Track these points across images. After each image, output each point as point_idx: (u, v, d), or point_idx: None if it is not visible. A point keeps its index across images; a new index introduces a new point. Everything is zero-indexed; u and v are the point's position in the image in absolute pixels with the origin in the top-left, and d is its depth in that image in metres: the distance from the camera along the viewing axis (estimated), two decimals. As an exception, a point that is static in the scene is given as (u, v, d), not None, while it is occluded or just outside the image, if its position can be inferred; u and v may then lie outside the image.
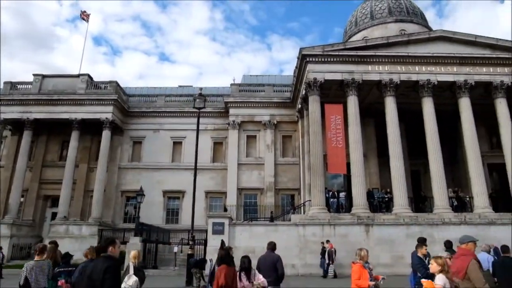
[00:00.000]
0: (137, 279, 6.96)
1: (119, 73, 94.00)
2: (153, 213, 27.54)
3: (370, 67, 22.53)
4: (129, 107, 30.81)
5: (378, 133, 24.67)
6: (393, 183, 20.95)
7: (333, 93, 23.51)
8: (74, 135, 27.81)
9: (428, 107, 22.21)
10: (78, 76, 29.46)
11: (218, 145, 30.67)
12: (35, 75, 29.12)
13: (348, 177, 22.12)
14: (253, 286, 6.38)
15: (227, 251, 6.57)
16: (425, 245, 8.72)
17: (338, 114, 21.68)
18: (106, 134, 28.07)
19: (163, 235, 24.94)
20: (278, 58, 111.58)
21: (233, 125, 29.48)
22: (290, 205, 24.79)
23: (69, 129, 27.88)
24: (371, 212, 20.27)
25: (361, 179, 20.62)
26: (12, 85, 29.01)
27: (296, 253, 18.52)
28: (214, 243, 17.95)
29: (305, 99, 23.73)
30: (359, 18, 33.80)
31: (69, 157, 27.40)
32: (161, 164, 29.79)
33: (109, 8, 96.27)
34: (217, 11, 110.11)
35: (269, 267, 7.75)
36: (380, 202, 22.00)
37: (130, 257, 7.53)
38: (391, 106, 22.03)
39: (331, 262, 17.27)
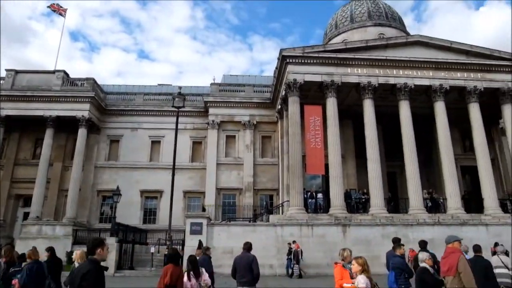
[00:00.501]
0: None
1: (97, 70, 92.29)
2: (130, 213, 27.11)
3: (349, 70, 22.83)
4: (107, 105, 30.22)
5: (356, 135, 25.01)
6: (370, 184, 21.29)
7: (312, 94, 23.72)
8: (48, 133, 27.07)
9: (405, 110, 22.69)
10: (53, 72, 28.68)
11: (197, 144, 30.46)
12: (7, 70, 28.21)
13: (326, 178, 22.34)
14: (200, 285, 6.57)
15: (175, 251, 6.69)
16: (402, 245, 8.92)
17: (317, 115, 21.90)
18: (82, 132, 27.44)
19: (140, 236, 24.57)
20: (259, 58, 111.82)
21: (212, 124, 29.35)
22: (264, 208, 24.64)
23: (43, 126, 27.10)
24: (348, 212, 20.55)
25: (339, 180, 20.87)
26: (-17, 80, 27.99)
27: (274, 253, 18.58)
28: (192, 243, 17.85)
29: (285, 100, 23.85)
30: (339, 21, 34.22)
31: (43, 155, 26.66)
32: (139, 163, 29.36)
33: (87, 3, 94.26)
34: (198, 9, 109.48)
35: (245, 268, 7.75)
36: (357, 202, 22.32)
37: (76, 257, 7.51)
38: (369, 108, 22.39)
39: (295, 262, 17.39)
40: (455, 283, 5.67)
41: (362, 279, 5.18)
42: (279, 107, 26.54)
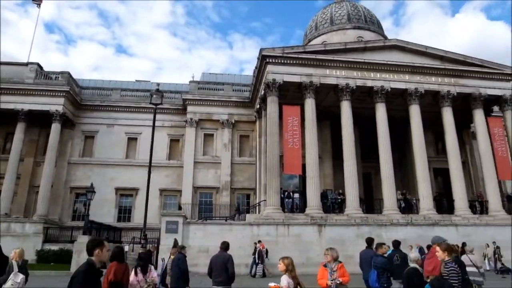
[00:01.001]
0: (24, 276, 7.23)
1: (73, 64, 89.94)
2: (104, 211, 26.64)
3: (328, 71, 23.06)
4: (82, 100, 29.51)
5: (333, 136, 25.30)
6: (346, 185, 21.58)
7: (291, 94, 23.85)
8: (19, 127, 26.22)
9: (381, 113, 23.11)
10: (26, 64, 27.80)
11: (174, 142, 30.15)
12: (-23, 61, 27.18)
13: (303, 178, 22.50)
14: (146, 281, 6.67)
15: (120, 249, 6.74)
16: (384, 244, 9.07)
17: (295, 115, 22.02)
18: (55, 127, 26.70)
19: (114, 234, 24.14)
20: (239, 57, 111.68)
21: (190, 122, 29.11)
22: (235, 210, 24.62)
23: (14, 120, 26.23)
24: (324, 212, 20.76)
25: (316, 180, 21.06)
26: (-50, 71, 26.80)
27: (250, 252, 18.55)
28: (167, 242, 17.60)
29: (264, 100, 23.88)
30: (319, 22, 34.55)
31: (14, 150, 25.80)
32: (114, 160, 28.83)
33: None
34: (178, 5, 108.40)
35: (220, 267, 7.71)
36: (333, 203, 22.55)
37: (14, 256, 7.53)
38: (346, 110, 22.68)
39: (260, 261, 17.36)
40: None
41: (284, 279, 5.35)
42: (258, 106, 26.56)
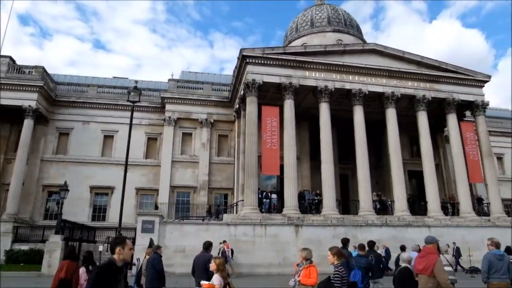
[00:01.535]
0: None
1: (48, 58, 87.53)
2: (78, 210, 26.04)
3: (307, 73, 23.25)
4: (57, 96, 28.74)
5: (311, 137, 25.51)
6: (323, 186, 21.80)
7: (270, 95, 23.92)
8: (-10, 122, 25.31)
9: (358, 115, 23.46)
10: (-2, 57, 26.86)
11: (152, 141, 29.76)
12: None
13: (281, 179, 22.60)
14: None
15: (72, 248, 7.14)
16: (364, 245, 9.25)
17: (274, 116, 22.10)
18: (28, 123, 25.88)
19: (88, 233, 23.58)
20: (219, 56, 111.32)
21: (169, 121, 28.80)
22: (206, 211, 24.57)
23: (-16, 115, 25.32)
24: (301, 213, 20.90)
25: (294, 181, 21.19)
26: None
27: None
28: (143, 241, 17.38)
29: (243, 100, 23.87)
30: (299, 24, 34.79)
31: (-17, 146, 24.89)
32: (89, 158, 28.19)
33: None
34: (159, 2, 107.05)
35: (201, 268, 7.63)
36: (310, 203, 22.75)
37: None
38: (325, 112, 22.92)
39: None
40: (430, 281, 5.97)
41: (216, 279, 5.61)
42: (237, 106, 26.52)
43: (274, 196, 22.49)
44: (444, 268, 6.26)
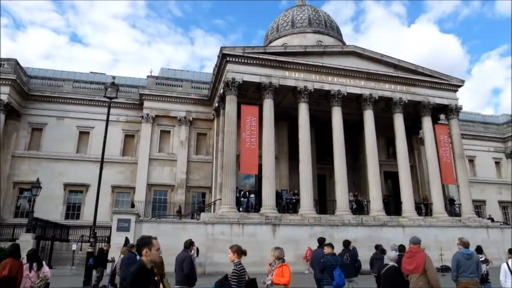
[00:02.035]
0: None
1: (21, 51, 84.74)
2: (51, 208, 25.39)
3: (287, 73, 23.35)
4: (30, 90, 27.88)
5: (290, 137, 25.64)
6: (301, 186, 21.95)
7: (250, 94, 23.92)
8: (-42, 116, 24.34)
9: (337, 116, 23.73)
10: (-32, 49, 25.89)
11: (129, 138, 29.27)
12: None
13: (259, 178, 22.63)
14: (39, 276, 6.89)
15: (16, 246, 6.99)
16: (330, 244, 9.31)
17: (253, 115, 22.11)
18: (-1, 117, 25.03)
19: (62, 232, 23.05)
20: (200, 53, 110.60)
21: (147, 118, 28.41)
22: (176, 211, 24.26)
23: (-48, 108, 24.32)
24: (279, 212, 21.00)
25: (272, 181, 21.26)
26: None
27: (203, 251, 18.39)
28: (118, 240, 17.14)
29: (223, 98, 23.77)
30: (280, 24, 34.92)
31: (-49, 141, 23.91)
32: (64, 154, 27.49)
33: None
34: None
35: (178, 266, 7.65)
36: (288, 203, 22.88)
37: None
38: (304, 112, 23.08)
39: None
40: (421, 279, 6.15)
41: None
42: (217, 105, 26.40)
43: (252, 195, 22.50)
44: (433, 265, 6.53)
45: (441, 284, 6.42)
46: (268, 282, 6.45)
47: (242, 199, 21.77)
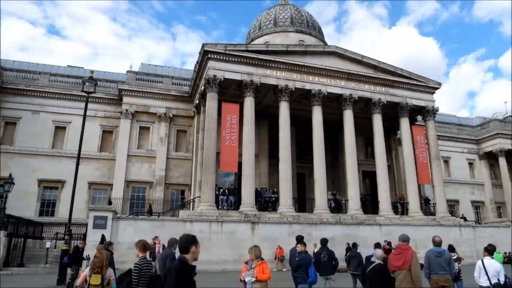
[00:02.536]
0: None
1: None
2: (24, 204, 24.68)
3: (269, 72, 23.38)
4: (4, 82, 27.00)
5: (270, 135, 25.71)
6: (280, 184, 22.04)
7: (231, 92, 23.85)
8: None
9: (317, 115, 23.92)
10: None
11: (107, 134, 28.73)
12: None
13: (239, 176, 22.62)
14: None
15: None
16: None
17: (234, 113, 22.07)
18: (-30, 110, 24.18)
19: (35, 229, 22.42)
20: (182, 49, 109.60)
21: (126, 114, 27.96)
22: (147, 210, 23.96)
23: None
24: (258, 210, 21.04)
25: (251, 179, 21.28)
26: None
27: (182, 249, 18.26)
28: (94, 238, 16.84)
29: (203, 95, 23.63)
30: (263, 23, 34.93)
31: None
32: (39, 149, 26.76)
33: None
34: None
35: (162, 264, 7.85)
36: (267, 201, 22.97)
37: None
38: (284, 111, 23.16)
39: (152, 259, 16.86)
40: (408, 275, 6.45)
41: (108, 272, 6.43)
42: (197, 102, 26.22)
43: (231, 193, 22.46)
44: (418, 262, 6.82)
45: (422, 282, 6.68)
46: (252, 279, 6.49)
47: (221, 197, 21.71)
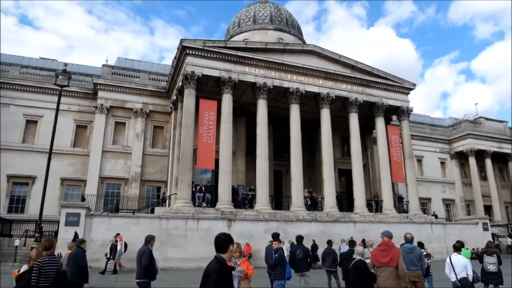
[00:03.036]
0: None
1: (-37, 32, 78.42)
2: (-8, 200, 23.81)
3: (247, 69, 23.35)
4: (-29, 74, 25.96)
5: (248, 133, 25.72)
6: (257, 181, 22.10)
7: (209, 89, 23.71)
8: None
9: (295, 114, 24.08)
10: None
11: (81, 128, 28.03)
12: None
13: (216, 173, 22.54)
14: None
15: None
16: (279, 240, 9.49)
17: (212, 110, 21.95)
18: None
19: (4, 226, 21.67)
20: (160, 44, 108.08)
21: (101, 109, 27.36)
22: (114, 207, 23.38)
23: None
24: (235, 207, 21.02)
25: (228, 176, 21.22)
26: None
27: (157, 246, 17.93)
28: (66, 235, 16.45)
29: (181, 91, 23.39)
30: (242, 20, 34.84)
31: None
32: (8, 144, 25.79)
33: (-45, -49, 79.52)
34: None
35: (138, 260, 7.98)
36: (244, 198, 22.98)
37: None
38: (262, 108, 23.21)
39: (112, 257, 16.43)
40: (394, 273, 6.44)
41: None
42: (175, 98, 25.94)
43: (208, 190, 22.35)
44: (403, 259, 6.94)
45: (407, 279, 6.83)
46: (243, 274, 6.52)
47: (198, 194, 21.55)
